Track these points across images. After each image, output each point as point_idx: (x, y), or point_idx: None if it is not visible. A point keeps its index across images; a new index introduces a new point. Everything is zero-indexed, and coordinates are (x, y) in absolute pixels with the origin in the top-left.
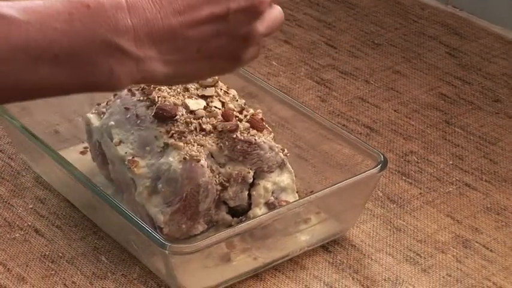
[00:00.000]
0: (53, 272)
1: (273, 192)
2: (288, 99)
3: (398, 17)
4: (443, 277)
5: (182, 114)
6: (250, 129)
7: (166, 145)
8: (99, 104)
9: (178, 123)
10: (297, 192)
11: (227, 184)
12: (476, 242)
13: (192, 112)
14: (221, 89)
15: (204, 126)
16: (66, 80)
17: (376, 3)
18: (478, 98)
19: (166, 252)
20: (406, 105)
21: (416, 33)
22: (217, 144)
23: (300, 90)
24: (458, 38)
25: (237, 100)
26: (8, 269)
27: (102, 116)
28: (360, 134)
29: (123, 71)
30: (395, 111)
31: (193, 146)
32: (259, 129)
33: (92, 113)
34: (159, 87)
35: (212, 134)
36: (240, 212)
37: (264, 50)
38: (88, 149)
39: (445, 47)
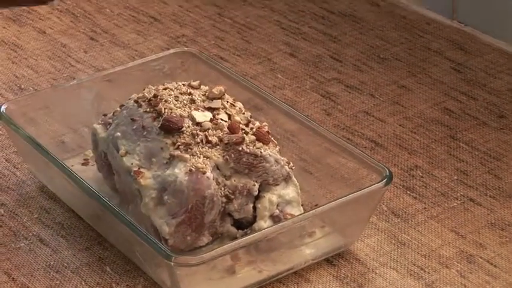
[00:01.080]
0: (57, 282)
1: (278, 205)
2: (293, 112)
3: (404, 31)
4: None
5: (188, 126)
6: (256, 142)
7: (172, 157)
8: (105, 115)
9: (184, 135)
10: (301, 205)
11: (232, 196)
12: (481, 257)
13: (198, 124)
14: (227, 102)
15: (210, 139)
16: None
17: (381, 17)
18: (483, 113)
19: (172, 263)
20: (411, 119)
21: (421, 48)
22: (223, 156)
23: (305, 103)
24: (463, 53)
25: (243, 113)
26: (13, 278)
27: (108, 126)
28: (365, 148)
29: None
30: (400, 125)
31: (199, 158)
32: (265, 142)
33: (98, 124)
34: (165, 98)
35: (218, 146)
36: (244, 225)
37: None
38: (89, 159)
39: (450, 62)
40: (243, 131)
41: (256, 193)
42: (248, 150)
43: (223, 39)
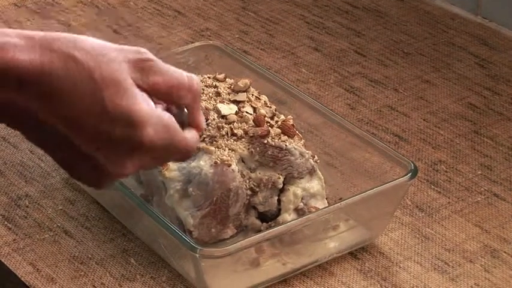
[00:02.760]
0: (82, 273)
1: (302, 198)
2: (317, 106)
3: (428, 26)
4: (471, 286)
5: (214, 119)
6: (281, 135)
7: (198, 149)
8: None
9: (209, 127)
10: (326, 198)
11: (257, 189)
12: (505, 252)
13: (223, 117)
14: (253, 95)
15: (235, 131)
16: None
17: (405, 12)
18: (507, 108)
19: (197, 255)
20: (435, 114)
21: (445, 43)
22: (248, 149)
23: (329, 97)
24: (488, 48)
25: (268, 106)
26: (38, 269)
27: None
28: (389, 142)
29: None
30: (424, 120)
31: (225, 150)
32: (291, 135)
33: None
34: None
35: (243, 139)
36: (269, 217)
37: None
38: None
39: (474, 58)
40: (268, 124)
41: (281, 186)
42: (273, 143)
43: (247, 33)
